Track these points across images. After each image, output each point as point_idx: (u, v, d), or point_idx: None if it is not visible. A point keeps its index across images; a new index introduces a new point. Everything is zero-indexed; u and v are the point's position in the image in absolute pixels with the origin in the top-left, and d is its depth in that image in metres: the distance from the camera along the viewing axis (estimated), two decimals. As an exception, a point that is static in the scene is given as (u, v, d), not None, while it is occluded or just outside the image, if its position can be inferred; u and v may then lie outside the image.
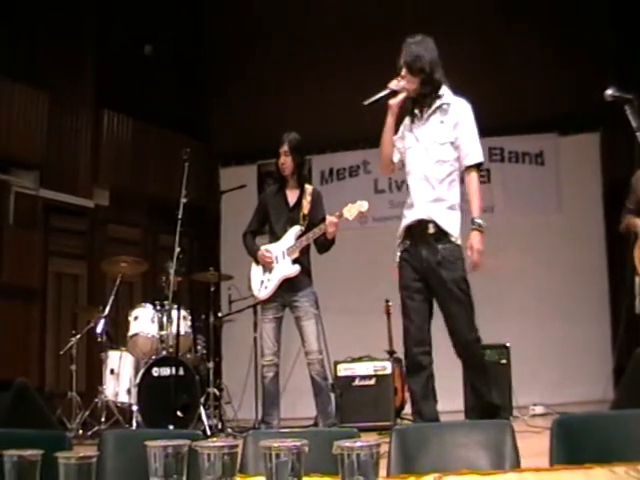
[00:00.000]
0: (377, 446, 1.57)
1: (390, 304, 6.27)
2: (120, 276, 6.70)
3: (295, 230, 5.26)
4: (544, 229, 8.21)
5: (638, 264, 4.79)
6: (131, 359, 6.34)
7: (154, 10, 8.80)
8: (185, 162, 5.72)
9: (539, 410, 6.61)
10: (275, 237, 5.33)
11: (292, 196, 5.38)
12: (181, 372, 5.92)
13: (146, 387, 5.96)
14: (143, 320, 6.39)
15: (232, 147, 9.25)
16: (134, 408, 5.96)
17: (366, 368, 6.46)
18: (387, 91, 4.16)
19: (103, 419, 6.12)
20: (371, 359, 6.52)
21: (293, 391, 6.35)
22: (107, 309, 6.49)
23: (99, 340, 6.49)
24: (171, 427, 5.16)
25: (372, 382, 6.41)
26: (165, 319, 6.32)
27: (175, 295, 6.12)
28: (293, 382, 6.21)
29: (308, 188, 5.39)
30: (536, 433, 4.72)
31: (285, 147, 5.32)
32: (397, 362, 6.32)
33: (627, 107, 3.66)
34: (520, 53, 8.23)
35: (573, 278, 7.97)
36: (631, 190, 5.01)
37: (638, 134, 3.71)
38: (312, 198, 5.33)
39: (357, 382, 6.43)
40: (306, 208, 5.29)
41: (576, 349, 7.74)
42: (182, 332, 6.11)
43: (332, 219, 5.06)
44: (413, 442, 2.30)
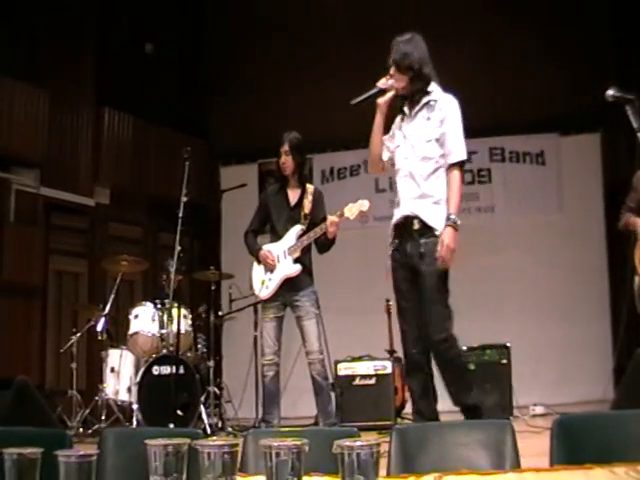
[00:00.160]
0: (377, 445, 1.57)
1: (390, 303, 6.27)
2: (121, 274, 6.70)
3: (296, 229, 5.26)
4: (545, 229, 8.21)
5: (638, 264, 4.78)
6: (131, 357, 6.34)
7: (155, 9, 8.81)
8: (186, 161, 5.73)
9: (539, 410, 6.61)
10: (276, 236, 5.33)
11: (293, 195, 5.38)
12: (181, 371, 5.91)
13: (146, 385, 5.96)
14: (143, 318, 6.39)
15: (233, 146, 9.25)
16: (134, 406, 5.97)
17: (366, 367, 6.46)
18: (375, 90, 4.16)
19: (103, 417, 6.12)
20: (371, 358, 6.51)
21: (293, 390, 6.35)
22: (107, 307, 6.49)
23: (99, 338, 6.49)
24: (171, 426, 5.17)
25: (372, 381, 6.41)
26: (165, 317, 6.32)
27: (175, 294, 6.13)
28: (293, 381, 6.21)
29: (309, 187, 5.40)
30: (536, 433, 4.72)
31: (286, 146, 5.32)
32: (397, 361, 6.32)
33: (628, 107, 3.66)
34: (521, 53, 8.23)
35: (573, 278, 7.97)
36: (632, 188, 5.00)
37: (639, 134, 3.72)
38: (313, 197, 5.33)
39: (357, 381, 6.43)
40: (307, 207, 5.29)
41: (576, 349, 7.74)
42: (182, 331, 6.11)
43: (333, 218, 5.06)
44: (413, 441, 2.30)
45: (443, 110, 4.07)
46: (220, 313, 7.16)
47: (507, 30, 8.30)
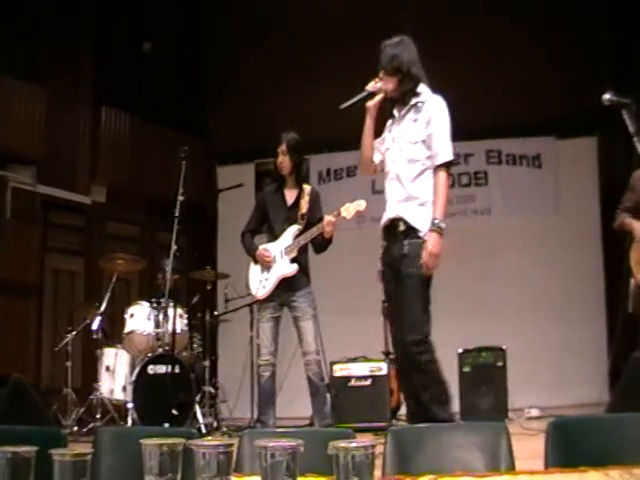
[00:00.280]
0: (372, 447, 1.57)
1: (386, 305, 6.27)
2: (117, 273, 6.70)
3: (293, 229, 5.26)
4: (541, 231, 8.23)
5: (634, 266, 4.76)
6: (127, 356, 6.33)
7: (153, 8, 8.80)
8: (183, 160, 5.73)
9: (534, 413, 6.63)
10: (273, 236, 5.33)
11: (290, 195, 5.38)
12: (177, 370, 5.91)
13: (142, 385, 5.95)
14: (139, 317, 6.39)
15: (230, 146, 9.24)
16: (129, 405, 5.95)
17: (362, 369, 6.46)
18: (364, 93, 4.14)
19: (98, 416, 6.12)
20: (367, 360, 6.52)
21: (289, 390, 6.34)
22: (103, 306, 6.49)
23: (95, 337, 6.48)
24: (166, 425, 5.16)
25: (368, 383, 6.41)
26: (161, 317, 6.31)
27: (171, 293, 6.13)
28: (289, 381, 6.20)
29: (306, 188, 5.40)
30: (531, 436, 4.71)
31: (283, 146, 5.32)
32: (393, 363, 6.32)
33: (624, 111, 3.67)
34: (518, 56, 8.24)
35: (570, 280, 7.98)
36: (629, 188, 4.93)
37: (635, 138, 3.72)
38: (310, 198, 5.33)
39: (353, 382, 6.43)
40: (304, 207, 5.29)
41: (572, 351, 7.75)
42: (178, 330, 6.11)
43: (330, 218, 5.06)
44: (408, 443, 2.30)
45: (429, 111, 4.03)
46: (216, 313, 7.16)
47: (505, 33, 8.31)
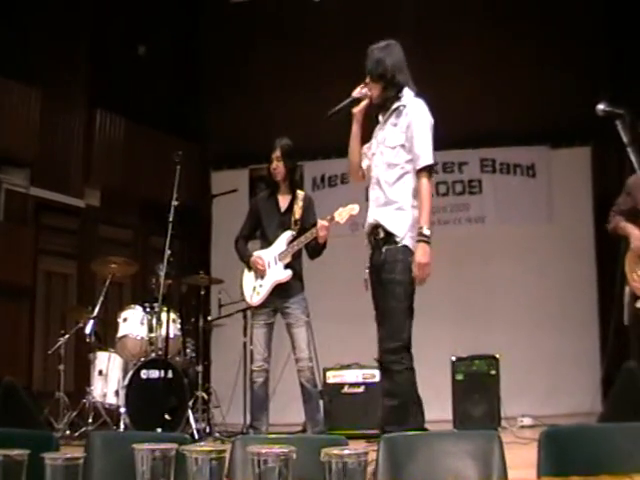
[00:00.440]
0: (365, 454, 1.57)
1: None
2: (110, 277, 6.68)
3: (287, 235, 5.26)
4: (535, 240, 8.23)
5: (629, 273, 4.72)
6: (120, 360, 6.31)
7: (149, 11, 8.79)
8: (177, 165, 5.72)
9: (527, 421, 6.62)
10: (267, 242, 5.33)
11: (284, 201, 5.39)
12: (170, 375, 5.90)
13: (134, 389, 5.93)
14: (132, 322, 6.37)
15: (224, 151, 9.24)
16: (122, 410, 5.93)
17: (355, 375, 6.46)
18: (350, 99, 4.14)
19: (90, 420, 6.09)
20: (360, 366, 6.51)
21: (282, 396, 6.33)
22: (96, 310, 6.46)
23: (88, 341, 6.46)
24: (159, 430, 5.15)
25: (361, 389, 6.41)
26: (154, 321, 6.29)
27: (165, 298, 6.11)
28: (282, 387, 6.19)
29: (300, 193, 5.41)
30: (524, 444, 4.72)
31: (277, 152, 5.34)
32: (386, 370, 6.31)
33: (618, 122, 3.68)
34: (513, 66, 8.26)
35: (563, 289, 7.99)
36: (625, 191, 4.81)
37: (629, 148, 3.74)
38: (304, 203, 5.34)
39: (346, 389, 6.43)
40: (298, 213, 5.30)
41: (565, 360, 7.75)
42: (171, 335, 6.10)
43: (323, 223, 5.08)
44: (401, 450, 2.30)
45: (409, 115, 3.98)
46: (209, 318, 7.14)
47: (500, 43, 8.33)
